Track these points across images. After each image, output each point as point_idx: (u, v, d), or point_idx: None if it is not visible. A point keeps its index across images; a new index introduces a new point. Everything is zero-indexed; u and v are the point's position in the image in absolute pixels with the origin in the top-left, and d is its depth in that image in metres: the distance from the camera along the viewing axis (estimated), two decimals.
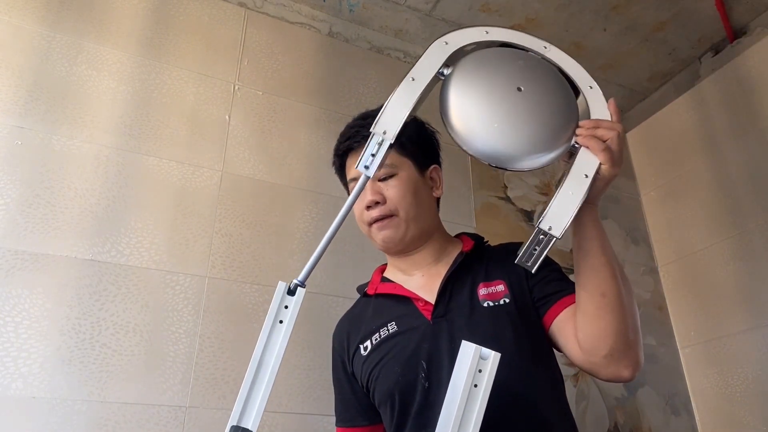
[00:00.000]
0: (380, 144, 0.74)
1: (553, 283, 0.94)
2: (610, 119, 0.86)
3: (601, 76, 2.26)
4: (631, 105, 2.42)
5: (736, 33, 2.04)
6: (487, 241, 1.06)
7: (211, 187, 1.55)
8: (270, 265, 1.52)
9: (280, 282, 0.71)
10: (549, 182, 2.13)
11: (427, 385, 0.88)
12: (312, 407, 1.42)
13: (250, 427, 0.65)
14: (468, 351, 0.69)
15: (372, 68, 1.99)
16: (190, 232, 1.47)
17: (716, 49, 2.11)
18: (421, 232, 1.00)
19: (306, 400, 1.42)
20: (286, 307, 0.70)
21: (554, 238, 0.75)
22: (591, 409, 1.78)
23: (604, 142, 0.81)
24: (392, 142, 0.74)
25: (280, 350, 0.69)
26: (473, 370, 0.68)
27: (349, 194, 0.95)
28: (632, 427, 1.82)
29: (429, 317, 0.93)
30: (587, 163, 0.81)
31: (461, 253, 1.00)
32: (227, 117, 1.66)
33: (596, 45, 2.11)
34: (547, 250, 0.76)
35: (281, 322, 0.70)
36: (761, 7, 1.96)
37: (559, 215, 0.77)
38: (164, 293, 1.38)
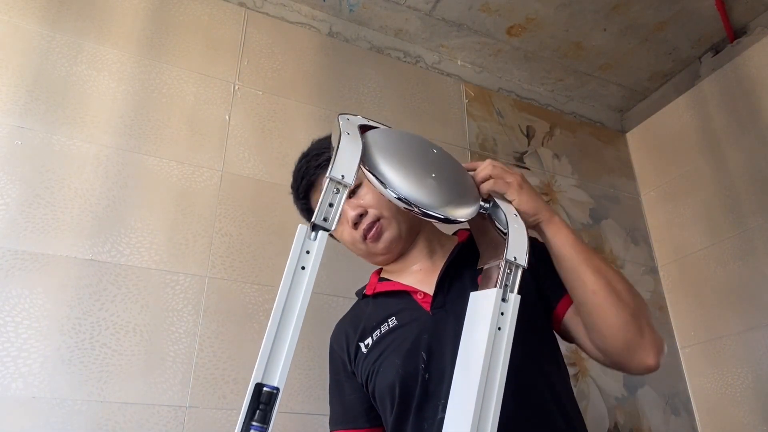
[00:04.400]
0: (337, 192, 0.72)
1: (556, 276, 0.92)
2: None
3: (601, 76, 2.26)
4: (631, 105, 2.42)
5: (736, 33, 2.04)
6: None
7: (211, 187, 1.55)
8: (270, 265, 1.52)
9: (300, 225, 0.68)
10: (549, 182, 2.13)
11: (427, 376, 0.87)
12: (312, 407, 1.42)
13: (276, 384, 0.61)
14: (489, 295, 0.71)
15: (372, 68, 1.99)
16: (190, 232, 1.47)
17: (716, 49, 2.11)
18: (410, 225, 1.00)
19: (306, 400, 1.42)
20: (308, 252, 0.67)
21: (521, 267, 0.78)
22: (591, 409, 1.78)
23: (491, 179, 0.87)
24: (352, 187, 0.74)
25: (305, 299, 0.65)
26: (496, 313, 0.70)
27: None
28: (632, 427, 1.82)
29: (428, 309, 0.93)
30: (506, 203, 0.87)
31: (458, 243, 1.00)
32: (227, 117, 1.66)
33: (596, 45, 2.11)
34: (519, 278, 0.77)
35: (303, 268, 0.67)
36: (761, 7, 1.96)
37: (518, 247, 0.79)
38: (164, 293, 1.38)
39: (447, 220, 0.80)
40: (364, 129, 0.85)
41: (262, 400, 0.60)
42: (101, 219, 1.39)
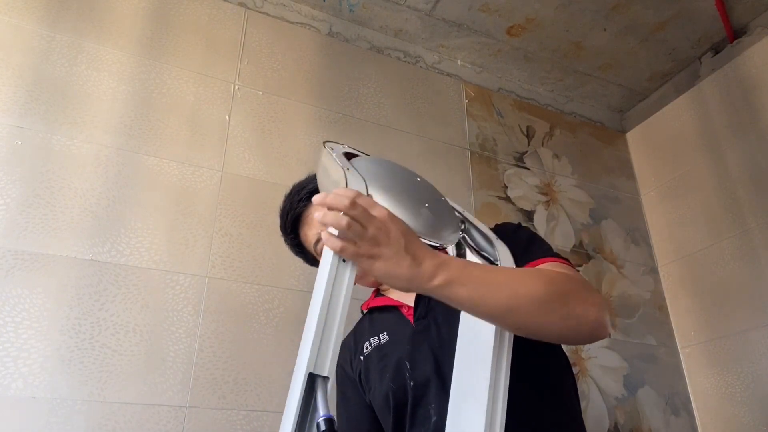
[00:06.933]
0: None
1: (519, 248, 0.87)
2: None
3: (601, 76, 2.26)
4: (631, 105, 2.42)
5: (736, 33, 2.04)
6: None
7: (211, 187, 1.55)
8: (270, 265, 1.52)
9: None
10: (549, 182, 2.13)
11: (412, 384, 0.90)
12: None
13: (327, 374, 0.60)
14: None
15: (372, 68, 1.99)
16: (190, 232, 1.47)
17: (716, 49, 2.11)
18: None
19: None
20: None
21: None
22: (591, 409, 1.78)
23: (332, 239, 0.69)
24: None
25: (348, 290, 0.64)
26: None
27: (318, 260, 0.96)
28: (632, 427, 1.82)
29: (412, 321, 0.96)
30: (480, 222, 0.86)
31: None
32: (227, 117, 1.66)
33: (596, 45, 2.11)
34: None
35: (344, 260, 0.66)
36: (761, 7, 1.96)
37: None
38: (164, 293, 1.38)
39: (443, 246, 0.81)
40: (350, 157, 0.85)
41: (316, 388, 0.59)
42: (101, 219, 1.39)
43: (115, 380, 1.26)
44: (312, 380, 0.60)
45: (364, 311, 1.09)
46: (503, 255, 0.83)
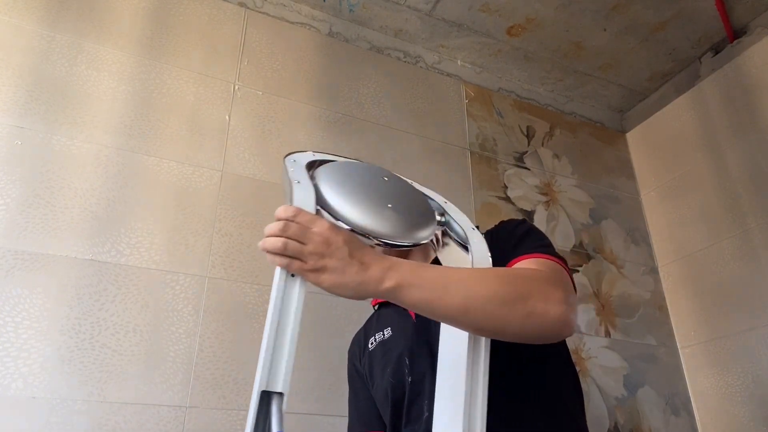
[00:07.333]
0: None
1: (510, 245, 0.88)
2: None
3: (601, 76, 2.26)
4: (631, 105, 2.42)
5: (736, 33, 2.04)
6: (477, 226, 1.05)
7: (211, 187, 1.55)
8: (270, 265, 1.52)
9: None
10: (549, 182, 2.13)
11: (410, 379, 0.91)
12: (313, 407, 1.42)
13: (280, 390, 0.61)
14: None
15: (372, 68, 1.99)
16: (190, 232, 1.47)
17: (716, 49, 2.11)
18: None
19: (307, 400, 1.42)
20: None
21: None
22: (591, 409, 1.78)
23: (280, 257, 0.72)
24: None
25: (299, 305, 0.66)
26: None
27: None
28: (632, 427, 1.82)
29: (413, 316, 0.96)
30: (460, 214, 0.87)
31: None
32: (227, 117, 1.66)
33: (596, 45, 2.11)
34: None
35: (293, 275, 0.69)
36: (761, 7, 1.96)
37: (482, 260, 0.81)
38: (164, 293, 1.38)
39: (413, 246, 0.81)
40: (316, 164, 0.85)
41: (271, 404, 0.61)
42: (101, 219, 1.39)
43: (115, 380, 1.26)
44: (267, 397, 0.61)
45: (375, 307, 1.10)
46: (476, 247, 0.82)
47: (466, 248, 0.83)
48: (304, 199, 0.75)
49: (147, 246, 1.41)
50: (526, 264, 0.82)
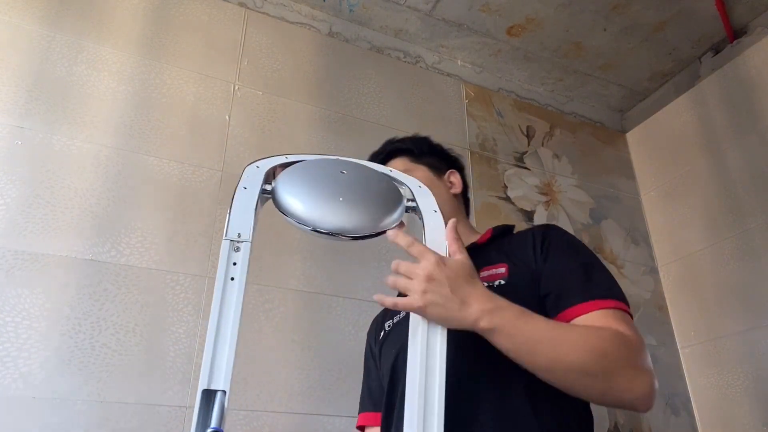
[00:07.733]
0: (237, 249, 0.74)
1: (564, 280, 0.86)
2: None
3: (601, 75, 2.26)
4: (631, 105, 2.42)
5: (736, 33, 2.04)
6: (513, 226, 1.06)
7: (211, 187, 1.55)
8: (270, 265, 1.52)
9: (224, 240, 0.72)
10: (549, 182, 2.13)
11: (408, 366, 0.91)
12: (312, 407, 1.41)
13: (222, 388, 0.64)
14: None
15: (372, 68, 1.99)
16: (190, 232, 1.47)
17: (716, 49, 2.11)
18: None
19: (306, 400, 1.42)
20: (235, 263, 0.72)
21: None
22: (591, 409, 1.77)
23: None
24: (251, 242, 0.75)
25: (237, 307, 0.70)
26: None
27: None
28: (632, 427, 1.82)
29: None
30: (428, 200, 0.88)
31: (472, 243, 1.01)
32: (227, 117, 1.66)
33: (596, 45, 2.11)
34: None
35: (233, 279, 0.72)
36: (761, 7, 1.96)
37: (436, 246, 0.81)
38: (164, 293, 1.38)
39: (372, 236, 0.82)
40: (282, 167, 0.87)
41: (213, 403, 0.64)
42: (101, 219, 1.39)
43: (115, 380, 1.26)
44: (210, 395, 0.64)
45: None
46: (423, 203, 0.85)
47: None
48: (242, 206, 0.78)
49: (147, 246, 1.41)
50: (607, 318, 0.80)
